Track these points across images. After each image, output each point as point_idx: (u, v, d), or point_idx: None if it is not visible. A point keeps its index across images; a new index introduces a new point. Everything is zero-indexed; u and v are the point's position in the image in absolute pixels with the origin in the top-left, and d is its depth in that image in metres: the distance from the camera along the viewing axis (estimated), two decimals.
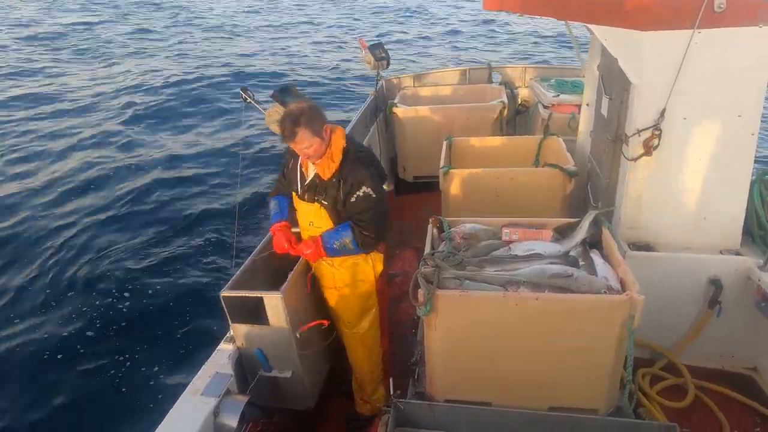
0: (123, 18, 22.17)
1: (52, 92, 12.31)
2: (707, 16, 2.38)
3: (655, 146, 2.71)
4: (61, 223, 6.73)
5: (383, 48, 5.75)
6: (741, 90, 2.56)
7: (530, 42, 17.51)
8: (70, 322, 5.02)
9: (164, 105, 11.52)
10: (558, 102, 4.93)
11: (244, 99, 3.34)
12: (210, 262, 5.95)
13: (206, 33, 19.90)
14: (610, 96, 3.10)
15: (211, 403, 2.35)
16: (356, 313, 2.81)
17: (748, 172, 2.74)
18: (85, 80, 13.51)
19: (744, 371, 2.93)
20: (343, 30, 20.39)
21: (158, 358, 4.60)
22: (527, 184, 3.40)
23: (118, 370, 4.50)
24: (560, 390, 2.21)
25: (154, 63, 15.25)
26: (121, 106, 11.27)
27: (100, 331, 4.92)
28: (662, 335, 2.96)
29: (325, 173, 2.49)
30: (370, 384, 3.05)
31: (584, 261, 2.29)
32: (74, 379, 4.38)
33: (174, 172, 8.33)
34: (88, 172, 8.19)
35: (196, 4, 26.40)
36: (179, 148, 9.34)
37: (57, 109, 11.16)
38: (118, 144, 9.42)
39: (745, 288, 2.75)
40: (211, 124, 10.54)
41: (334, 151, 2.47)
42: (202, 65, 14.83)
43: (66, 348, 4.69)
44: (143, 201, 7.39)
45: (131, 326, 4.97)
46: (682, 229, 2.88)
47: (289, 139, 2.36)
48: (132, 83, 13.10)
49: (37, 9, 23.54)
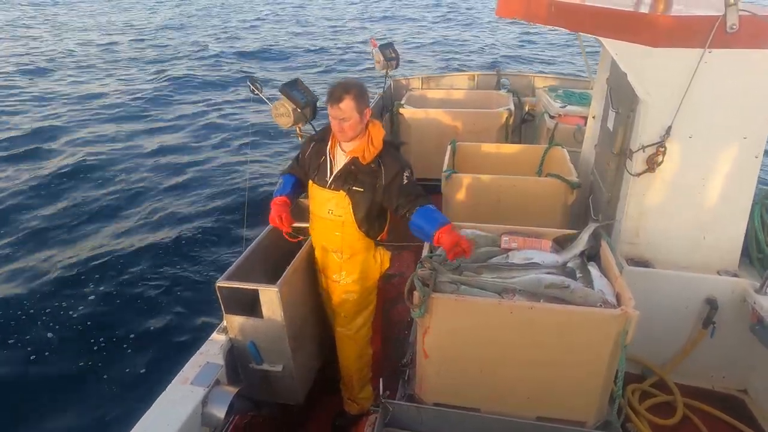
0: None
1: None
2: (719, 36, 2.38)
3: (659, 163, 2.70)
4: (57, 214, 6.74)
5: (394, 48, 5.74)
6: (748, 112, 2.56)
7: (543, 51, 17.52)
8: (63, 309, 5.02)
9: (168, 96, 11.53)
10: (565, 113, 4.92)
11: (252, 90, 3.33)
12: (212, 254, 5.95)
13: (215, 23, 19.91)
14: (617, 110, 3.10)
15: (200, 393, 2.34)
16: (354, 308, 2.80)
17: (750, 194, 2.74)
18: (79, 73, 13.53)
19: (734, 393, 2.93)
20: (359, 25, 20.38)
21: (150, 346, 4.60)
22: (529, 192, 3.40)
23: (108, 357, 4.50)
24: (549, 400, 2.21)
25: (155, 55, 15.26)
26: (116, 104, 11.25)
27: (92, 317, 4.92)
28: (655, 352, 2.96)
29: (365, 157, 2.49)
30: (358, 383, 3.04)
31: (581, 273, 2.29)
32: (63, 364, 4.38)
33: (179, 163, 8.34)
34: (99, 164, 8.19)
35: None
36: (185, 139, 9.34)
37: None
38: (122, 134, 9.44)
39: (741, 310, 2.75)
40: (217, 114, 10.54)
41: (375, 138, 2.51)
42: (204, 58, 14.84)
43: (57, 334, 4.70)
44: (144, 192, 7.41)
45: (125, 315, 4.98)
46: (680, 248, 2.88)
47: (336, 101, 2.39)
48: (132, 74, 13.11)
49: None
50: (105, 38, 17.85)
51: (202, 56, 15.20)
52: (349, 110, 2.40)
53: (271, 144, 8.99)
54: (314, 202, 2.69)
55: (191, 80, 13.03)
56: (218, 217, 6.70)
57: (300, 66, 14.51)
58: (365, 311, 2.85)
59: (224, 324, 2.74)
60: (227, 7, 23.81)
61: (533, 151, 4.04)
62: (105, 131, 9.65)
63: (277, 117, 3.29)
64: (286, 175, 2.83)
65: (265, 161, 8.37)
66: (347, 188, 2.53)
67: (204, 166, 8.26)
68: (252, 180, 7.18)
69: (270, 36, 18.37)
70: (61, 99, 11.48)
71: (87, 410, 4.01)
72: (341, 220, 2.60)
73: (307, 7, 25.00)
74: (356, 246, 2.67)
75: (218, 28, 19.60)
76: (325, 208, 2.62)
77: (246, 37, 18.18)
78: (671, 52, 2.48)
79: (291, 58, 15.37)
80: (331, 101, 2.42)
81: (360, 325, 2.86)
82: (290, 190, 2.76)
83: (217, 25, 20.54)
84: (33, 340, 4.63)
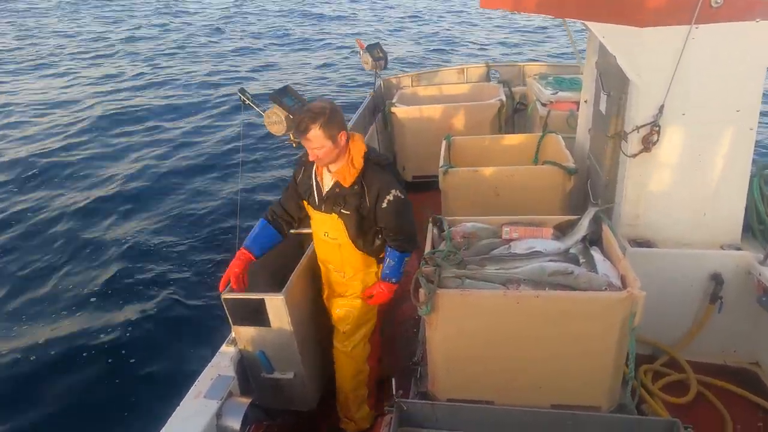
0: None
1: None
2: (704, 11, 2.38)
3: (654, 142, 2.70)
4: (59, 221, 6.77)
5: (381, 48, 5.75)
6: (740, 85, 2.56)
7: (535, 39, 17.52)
8: (68, 324, 5.02)
9: (158, 104, 11.54)
10: (556, 99, 4.92)
11: (243, 101, 3.33)
12: (212, 263, 5.95)
13: (202, 31, 19.93)
14: (608, 93, 3.10)
15: (214, 406, 2.35)
16: (354, 323, 2.78)
17: (748, 167, 2.74)
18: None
19: (746, 366, 2.93)
20: (343, 29, 20.39)
21: (160, 361, 4.59)
22: (527, 182, 3.40)
23: (119, 373, 4.49)
24: (562, 387, 2.21)
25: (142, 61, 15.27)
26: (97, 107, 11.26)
27: (100, 333, 4.91)
28: (664, 331, 2.96)
29: (346, 179, 2.42)
30: (354, 402, 2.98)
31: (584, 258, 2.29)
32: (75, 382, 4.37)
33: (174, 173, 8.33)
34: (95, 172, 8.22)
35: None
36: (177, 149, 9.34)
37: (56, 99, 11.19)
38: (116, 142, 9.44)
39: (746, 283, 2.75)
40: (208, 126, 10.53)
41: (355, 157, 2.42)
42: (195, 67, 14.84)
43: (66, 350, 4.68)
44: (143, 200, 7.41)
45: (132, 329, 4.97)
46: (682, 225, 2.88)
47: (302, 133, 2.31)
48: (119, 83, 13.12)
49: None
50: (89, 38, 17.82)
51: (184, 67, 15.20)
52: (319, 140, 2.31)
53: (263, 153, 8.99)
54: (313, 223, 2.69)
55: (178, 82, 13.07)
56: (212, 227, 6.69)
57: (288, 69, 14.51)
58: (364, 327, 2.81)
59: (233, 335, 2.74)
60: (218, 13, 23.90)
61: (528, 140, 4.04)
62: (88, 137, 9.67)
63: (270, 125, 3.29)
64: (265, 222, 2.73)
65: (258, 170, 8.36)
66: (337, 211, 2.50)
67: (197, 176, 8.26)
68: (243, 192, 7.20)
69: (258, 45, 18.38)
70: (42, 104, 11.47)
71: (100, 431, 4.01)
72: (337, 243, 2.59)
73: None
74: (357, 265, 2.67)
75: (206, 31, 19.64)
76: (321, 230, 2.63)
77: (234, 44, 18.18)
78: (658, 31, 2.48)
79: (280, 68, 15.38)
80: (298, 133, 2.34)
81: (358, 340, 2.82)
82: (261, 242, 2.69)
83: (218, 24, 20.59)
84: (40, 356, 4.62)
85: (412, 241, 2.58)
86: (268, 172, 8.25)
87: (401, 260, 2.59)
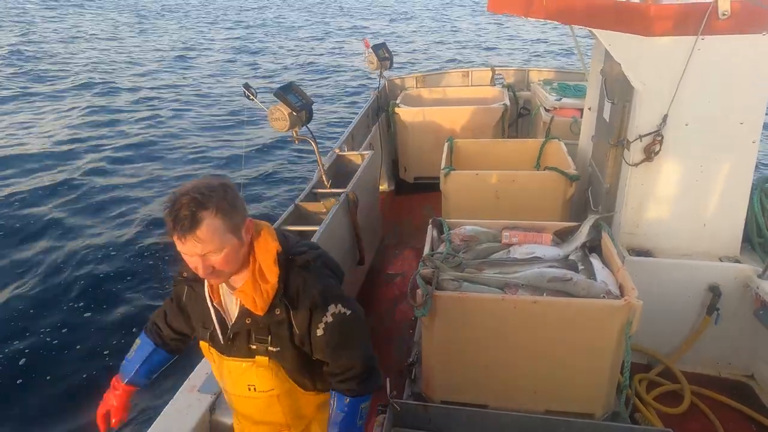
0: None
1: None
2: (711, 22, 2.38)
3: (656, 152, 2.71)
4: (51, 221, 6.75)
5: (387, 48, 5.76)
6: (743, 97, 2.56)
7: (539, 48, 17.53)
8: (63, 317, 5.02)
9: (162, 104, 11.54)
10: (560, 105, 4.93)
11: (247, 96, 3.33)
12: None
13: (209, 27, 19.92)
14: (612, 101, 3.10)
15: (208, 400, 2.34)
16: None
17: (749, 179, 2.74)
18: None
19: (741, 379, 2.93)
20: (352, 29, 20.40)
21: None
22: (528, 187, 3.40)
23: (113, 366, 4.48)
24: (557, 394, 2.21)
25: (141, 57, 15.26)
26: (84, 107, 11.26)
27: (92, 326, 4.92)
28: (660, 341, 2.96)
29: (256, 305, 1.48)
30: None
31: (583, 265, 2.29)
32: (67, 374, 4.36)
33: (175, 169, 8.34)
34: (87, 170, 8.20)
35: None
36: (180, 145, 9.34)
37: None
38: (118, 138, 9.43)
39: (744, 296, 2.75)
40: (211, 122, 10.54)
41: (265, 265, 1.48)
42: (200, 62, 14.84)
43: (58, 342, 4.68)
44: (142, 197, 7.40)
45: (125, 323, 4.96)
46: (681, 236, 2.88)
47: (186, 232, 1.31)
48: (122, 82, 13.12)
49: None
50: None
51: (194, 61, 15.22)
52: (217, 236, 1.34)
53: (266, 149, 9.00)
54: (222, 376, 1.71)
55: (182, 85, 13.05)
56: None
57: (293, 67, 14.51)
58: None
59: None
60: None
61: (530, 145, 4.04)
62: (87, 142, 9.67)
63: (273, 121, 3.29)
64: (147, 336, 1.91)
65: (261, 168, 8.37)
66: (261, 351, 1.56)
67: (198, 171, 8.27)
68: (245, 189, 7.19)
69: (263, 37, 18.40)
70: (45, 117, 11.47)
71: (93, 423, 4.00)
72: (274, 394, 1.65)
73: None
74: (309, 411, 1.77)
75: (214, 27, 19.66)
76: (241, 384, 1.66)
77: (239, 40, 18.21)
78: (664, 41, 2.48)
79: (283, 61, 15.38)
80: (177, 233, 1.32)
81: None
82: (144, 366, 1.93)
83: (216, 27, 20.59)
84: (34, 347, 4.61)
85: (371, 377, 1.62)
86: (268, 164, 8.25)
87: (356, 408, 1.61)
